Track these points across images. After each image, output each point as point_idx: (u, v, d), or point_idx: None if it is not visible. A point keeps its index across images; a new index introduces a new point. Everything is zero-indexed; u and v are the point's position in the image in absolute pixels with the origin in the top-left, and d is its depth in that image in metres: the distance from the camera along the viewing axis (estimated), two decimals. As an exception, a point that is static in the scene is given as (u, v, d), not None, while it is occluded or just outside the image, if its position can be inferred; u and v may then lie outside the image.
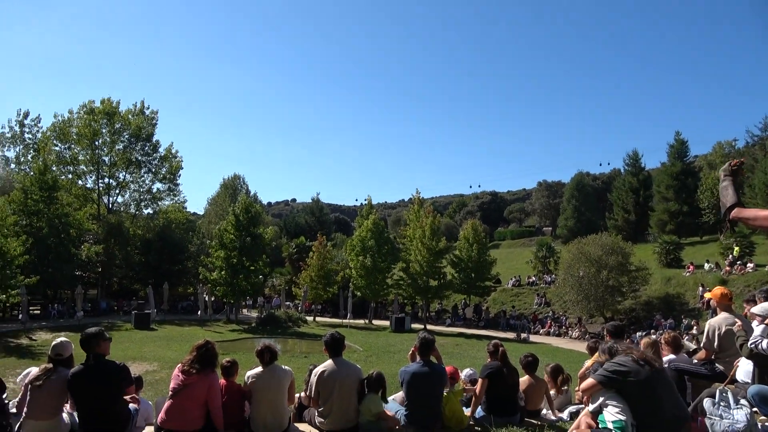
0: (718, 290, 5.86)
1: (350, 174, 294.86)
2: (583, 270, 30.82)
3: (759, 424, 3.89)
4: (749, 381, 4.87)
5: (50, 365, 4.64)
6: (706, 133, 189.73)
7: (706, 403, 4.06)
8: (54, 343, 4.79)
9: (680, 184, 47.20)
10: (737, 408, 3.89)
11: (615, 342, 4.59)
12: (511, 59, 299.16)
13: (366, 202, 46.93)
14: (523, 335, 29.64)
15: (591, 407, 4.05)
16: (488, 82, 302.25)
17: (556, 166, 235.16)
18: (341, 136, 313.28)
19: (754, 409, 4.15)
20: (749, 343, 4.73)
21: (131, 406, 4.82)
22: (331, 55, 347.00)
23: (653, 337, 5.77)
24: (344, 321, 32.96)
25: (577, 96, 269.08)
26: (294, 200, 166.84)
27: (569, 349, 24.30)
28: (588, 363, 5.77)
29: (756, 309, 4.92)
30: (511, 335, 29.76)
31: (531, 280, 40.72)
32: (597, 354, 5.66)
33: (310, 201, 73.71)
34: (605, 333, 6.32)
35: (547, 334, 31.29)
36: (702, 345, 5.81)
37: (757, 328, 4.57)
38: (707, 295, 6.05)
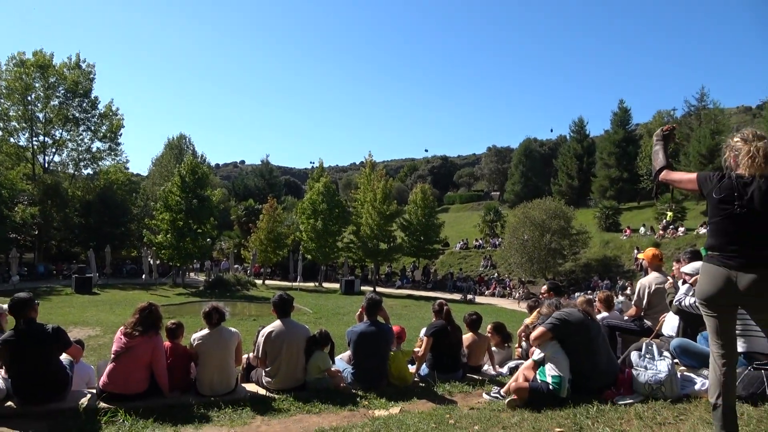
0: (650, 251, 6.20)
1: (301, 136, 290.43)
2: (527, 234, 31.78)
3: (678, 374, 4.20)
4: (674, 335, 5.23)
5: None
6: (648, 102, 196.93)
7: (633, 355, 4.33)
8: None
9: (621, 152, 48.92)
10: (660, 359, 4.18)
11: (557, 298, 4.82)
12: (464, 26, 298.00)
13: (317, 165, 46.41)
14: (469, 296, 30.52)
15: (536, 356, 4.27)
16: (440, 48, 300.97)
17: (506, 132, 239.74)
18: (292, 98, 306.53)
19: (675, 360, 4.47)
20: (675, 300, 5.06)
21: (65, 360, 4.70)
22: (282, 11, 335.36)
23: (588, 295, 6.09)
24: (294, 284, 32.97)
25: (526, 64, 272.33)
26: (243, 162, 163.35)
27: (512, 309, 25.25)
28: (527, 320, 6.03)
29: (686, 268, 5.24)
30: (457, 297, 30.57)
31: (478, 244, 41.72)
32: (536, 312, 5.93)
33: (260, 163, 72.30)
34: (546, 290, 6.61)
35: (492, 295, 32.33)
36: (633, 302, 6.17)
37: (682, 287, 4.88)
38: (640, 256, 6.41)
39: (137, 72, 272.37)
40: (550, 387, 4.02)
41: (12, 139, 37.23)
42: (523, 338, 6.25)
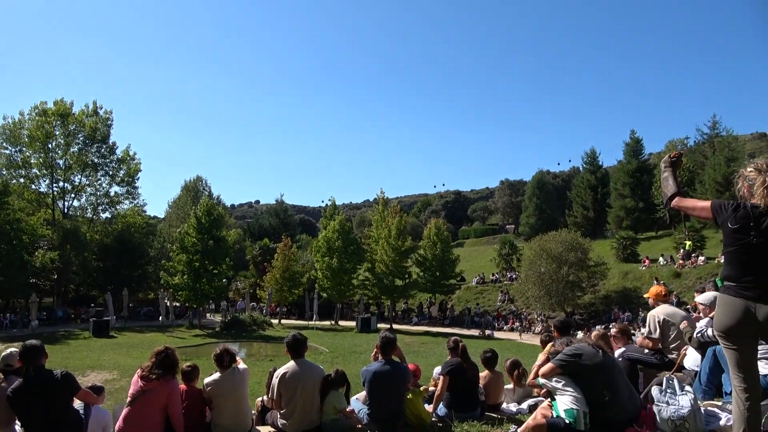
0: (654, 290, 6.14)
1: (314, 175, 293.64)
2: (544, 266, 31.41)
3: (702, 409, 4.09)
4: (696, 368, 5.11)
5: (0, 375, 4.53)
6: (660, 131, 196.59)
7: (654, 390, 4.23)
8: (3, 354, 4.68)
9: (636, 181, 48.63)
10: (682, 394, 4.08)
11: (567, 337, 4.75)
12: (474, 61, 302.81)
13: (330, 203, 46.75)
14: (487, 332, 30.08)
15: (547, 384, 4.19)
16: (452, 84, 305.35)
17: (518, 165, 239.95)
18: (304, 138, 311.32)
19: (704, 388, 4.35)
20: (695, 333, 4.96)
21: (80, 406, 4.70)
22: (294, 55, 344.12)
23: (602, 330, 5.99)
24: (310, 323, 32.83)
25: (538, 96, 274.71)
26: (258, 202, 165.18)
27: (532, 344, 24.77)
28: (541, 356, 5.94)
29: (700, 298, 5.16)
30: (475, 332, 30.14)
31: (494, 278, 41.31)
32: (548, 347, 5.84)
33: (274, 202, 73.03)
34: (552, 328, 6.51)
35: (511, 330, 31.82)
36: (645, 335, 6.05)
37: (702, 321, 4.81)
38: (646, 295, 6.33)
39: (153, 117, 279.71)
40: (567, 421, 3.93)
41: (33, 186, 38.22)
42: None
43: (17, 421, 4.46)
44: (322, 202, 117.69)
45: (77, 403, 4.74)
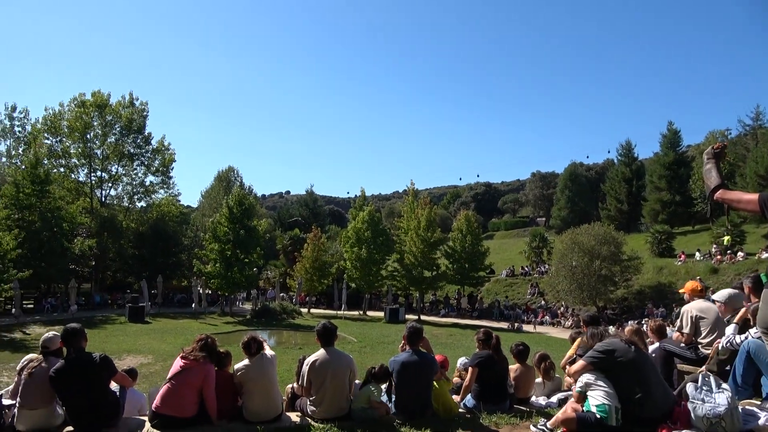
0: (689, 285, 6.01)
1: (344, 166, 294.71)
2: (576, 260, 30.95)
3: (740, 407, 3.98)
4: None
5: (40, 356, 4.73)
6: (699, 122, 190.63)
7: (689, 387, 4.13)
8: (43, 337, 4.88)
9: (672, 174, 47.40)
10: (719, 392, 3.97)
11: (604, 328, 4.68)
12: (505, 50, 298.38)
13: (360, 193, 46.90)
14: (516, 325, 29.88)
15: (576, 387, 4.14)
16: (483, 74, 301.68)
17: (550, 157, 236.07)
18: (335, 128, 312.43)
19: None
20: (724, 342, 4.84)
21: (114, 388, 4.87)
22: (325, 46, 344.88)
23: (636, 324, 5.89)
24: (339, 312, 33.12)
25: (571, 86, 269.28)
26: (288, 192, 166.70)
27: (562, 338, 24.49)
28: (570, 352, 5.87)
29: (716, 295, 5.01)
30: (504, 325, 29.94)
31: (524, 271, 40.94)
32: (577, 342, 5.76)
33: (305, 193, 73.67)
34: (581, 323, 6.44)
35: (540, 323, 31.53)
36: (677, 328, 5.93)
37: (728, 328, 4.70)
38: (681, 290, 6.20)
39: (187, 107, 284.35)
40: (597, 416, 3.88)
41: (72, 175, 39.37)
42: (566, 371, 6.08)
43: (58, 401, 4.64)
44: (348, 193, 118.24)
45: (113, 386, 4.91)
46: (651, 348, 5.75)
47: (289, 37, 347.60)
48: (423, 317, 33.31)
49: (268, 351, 5.21)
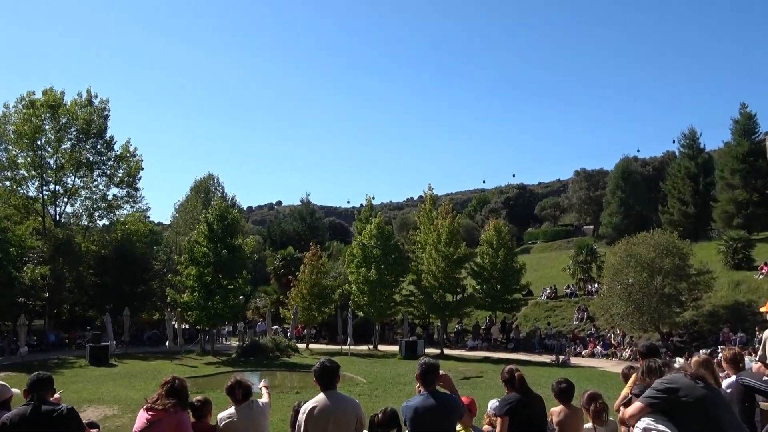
0: None
1: (346, 170, 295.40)
2: (632, 276, 30.78)
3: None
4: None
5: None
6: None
7: (774, 430, 4.09)
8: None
9: (748, 168, 47.01)
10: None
11: (663, 361, 4.63)
12: (536, 28, 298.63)
13: (366, 202, 47.00)
14: (562, 358, 29.65)
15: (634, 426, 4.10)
16: (510, 58, 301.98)
17: (597, 152, 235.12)
18: (334, 127, 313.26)
19: None
20: None
21: None
22: (320, 33, 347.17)
23: (703, 355, 5.80)
24: (343, 347, 33.06)
25: (619, 67, 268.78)
26: (279, 203, 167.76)
27: (617, 373, 24.29)
28: (624, 392, 5.82)
29: None
30: (547, 358, 29.74)
31: (570, 291, 40.69)
32: (632, 379, 5.71)
33: (299, 204, 73.98)
34: (639, 354, 6.38)
35: (592, 355, 31.30)
36: (758, 358, 5.86)
37: None
38: (763, 310, 6.11)
39: (157, 106, 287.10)
40: (661, 465, 3.84)
41: (21, 190, 39.76)
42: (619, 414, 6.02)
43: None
44: (348, 202, 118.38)
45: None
46: (725, 383, 5.69)
47: (276, 24, 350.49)
48: (446, 351, 33.15)
49: (264, 398, 5.23)
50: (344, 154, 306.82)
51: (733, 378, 5.84)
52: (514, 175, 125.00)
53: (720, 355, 6.19)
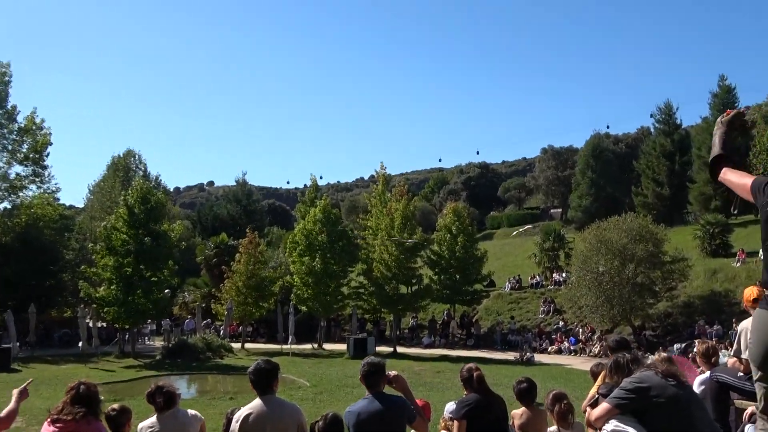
0: (749, 292, 6.13)
1: (287, 147, 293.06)
2: (603, 264, 31.45)
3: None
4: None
5: None
6: (760, 76, 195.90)
7: (749, 430, 4.25)
8: None
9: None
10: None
11: (632, 357, 4.72)
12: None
13: (310, 183, 46.74)
14: (527, 355, 30.23)
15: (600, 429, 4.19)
16: (471, 11, 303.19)
17: (566, 127, 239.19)
18: (272, 98, 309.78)
19: None
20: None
21: None
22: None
23: (664, 353, 5.99)
24: (284, 347, 32.95)
25: (590, 34, 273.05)
26: (211, 184, 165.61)
27: (586, 370, 24.93)
28: (591, 391, 5.96)
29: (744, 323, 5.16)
30: (510, 356, 30.31)
31: (536, 281, 41.43)
32: (600, 378, 5.86)
33: (234, 184, 73.10)
34: (609, 349, 6.53)
35: (559, 351, 32.04)
36: (732, 352, 6.07)
37: None
38: (744, 303, 6.33)
39: (67, 72, 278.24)
40: (629, 474, 3.95)
41: None
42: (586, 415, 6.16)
43: None
44: (289, 183, 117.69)
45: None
46: (699, 379, 5.87)
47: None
48: (400, 349, 33.43)
49: (192, 411, 5.16)
50: (285, 128, 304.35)
51: (707, 374, 6.04)
52: (477, 152, 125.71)
53: (695, 349, 6.39)
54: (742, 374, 5.88)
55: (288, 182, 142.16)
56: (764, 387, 2.92)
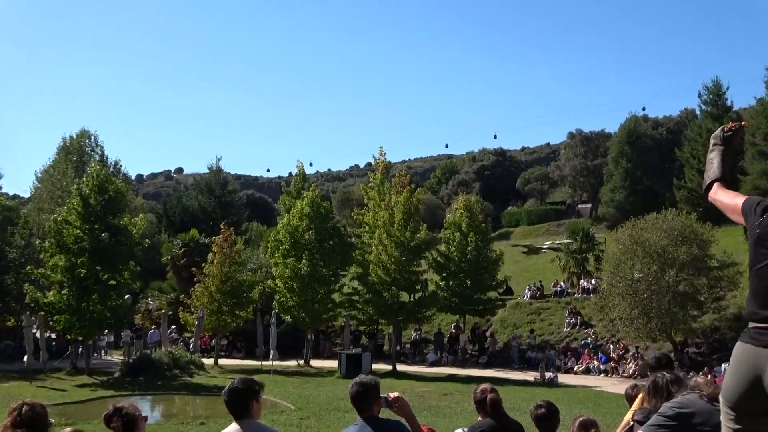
0: None
1: (269, 130, 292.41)
2: (639, 269, 31.41)
3: None
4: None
5: None
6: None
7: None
8: None
9: (787, 131, 48.46)
10: None
11: (673, 377, 4.72)
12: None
13: (297, 171, 46.66)
14: (548, 375, 30.22)
15: None
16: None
17: (597, 110, 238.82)
18: (251, 72, 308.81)
19: None
20: None
21: None
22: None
23: (710, 374, 5.98)
24: (265, 363, 32.96)
25: (622, 5, 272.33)
26: (180, 171, 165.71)
27: (619, 393, 24.92)
28: (626, 417, 5.96)
29: None
30: (530, 376, 30.28)
31: (559, 289, 41.35)
32: (637, 401, 5.86)
33: (206, 172, 72.99)
34: (649, 368, 6.53)
35: (587, 371, 32.03)
36: None
37: None
38: None
39: (9, 44, 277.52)
40: None
41: None
42: None
43: None
44: (269, 171, 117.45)
45: None
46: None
47: None
48: (400, 367, 33.46)
49: None
50: (267, 107, 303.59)
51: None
52: (495, 137, 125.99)
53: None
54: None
55: (268, 170, 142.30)
56: (731, 429, 2.99)
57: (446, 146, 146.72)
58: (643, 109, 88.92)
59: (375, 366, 31.61)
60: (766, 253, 2.93)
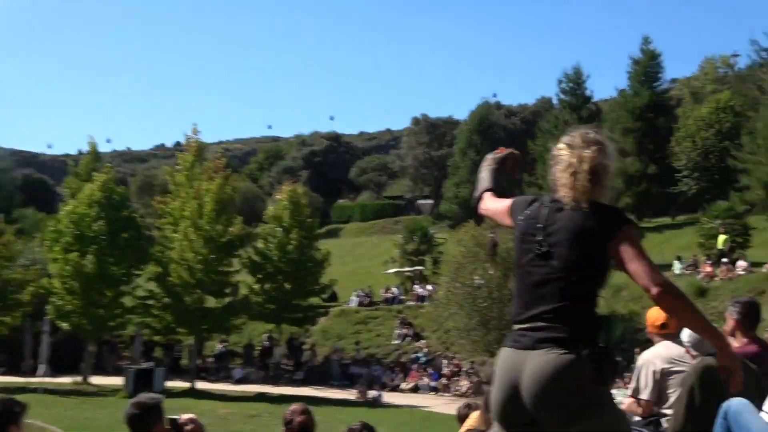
0: (652, 317, 6.61)
1: (54, 98, 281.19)
2: (480, 275, 32.16)
3: None
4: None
5: None
6: (690, 45, 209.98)
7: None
8: None
9: (647, 126, 51.36)
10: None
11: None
12: None
13: (88, 148, 45.28)
14: (372, 393, 30.78)
15: None
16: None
17: (446, 94, 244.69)
18: (36, 25, 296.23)
19: None
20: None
21: None
22: None
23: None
24: (33, 380, 31.97)
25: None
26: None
27: (450, 414, 25.69)
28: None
29: (683, 336, 5.64)
30: (351, 394, 30.75)
31: (391, 295, 41.87)
32: (471, 421, 6.13)
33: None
34: (479, 386, 6.85)
35: (415, 389, 32.90)
36: (631, 391, 6.51)
37: None
38: (653, 320, 6.79)
39: None
40: None
41: None
42: None
43: None
44: (51, 147, 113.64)
45: None
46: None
47: None
48: (201, 384, 33.22)
49: None
50: (52, 70, 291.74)
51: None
52: (332, 118, 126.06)
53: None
54: (638, 419, 6.32)
55: (50, 146, 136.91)
56: None
57: (269, 127, 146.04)
58: (494, 95, 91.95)
59: (170, 383, 31.25)
60: (529, 249, 3.12)
